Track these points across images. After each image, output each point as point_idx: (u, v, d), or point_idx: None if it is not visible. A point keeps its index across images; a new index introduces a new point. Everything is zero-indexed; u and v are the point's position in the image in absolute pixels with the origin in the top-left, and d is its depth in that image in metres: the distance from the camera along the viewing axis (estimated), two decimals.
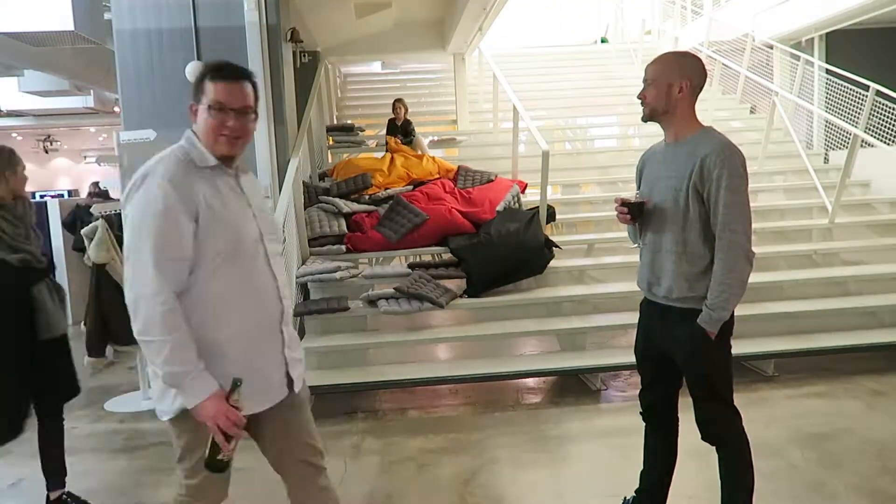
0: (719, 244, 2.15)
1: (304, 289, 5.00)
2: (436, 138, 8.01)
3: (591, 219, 6.42)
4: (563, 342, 4.78)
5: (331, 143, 7.58)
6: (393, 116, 7.23)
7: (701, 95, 2.37)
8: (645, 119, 2.33)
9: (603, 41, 12.90)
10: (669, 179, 2.24)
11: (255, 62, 5.09)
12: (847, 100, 7.40)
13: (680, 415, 2.53)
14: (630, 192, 2.50)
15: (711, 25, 9.51)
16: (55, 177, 18.00)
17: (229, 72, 1.81)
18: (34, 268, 2.82)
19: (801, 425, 3.65)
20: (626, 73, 10.21)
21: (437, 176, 6.30)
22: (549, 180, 5.59)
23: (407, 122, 7.18)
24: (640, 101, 2.28)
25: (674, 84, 2.21)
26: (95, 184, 8.88)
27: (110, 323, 4.27)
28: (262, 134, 5.15)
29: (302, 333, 4.68)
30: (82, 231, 4.36)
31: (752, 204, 2.18)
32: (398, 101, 7.21)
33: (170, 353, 1.64)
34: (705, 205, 2.15)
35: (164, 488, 3.25)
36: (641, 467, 2.60)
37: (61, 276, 7.24)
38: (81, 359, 5.68)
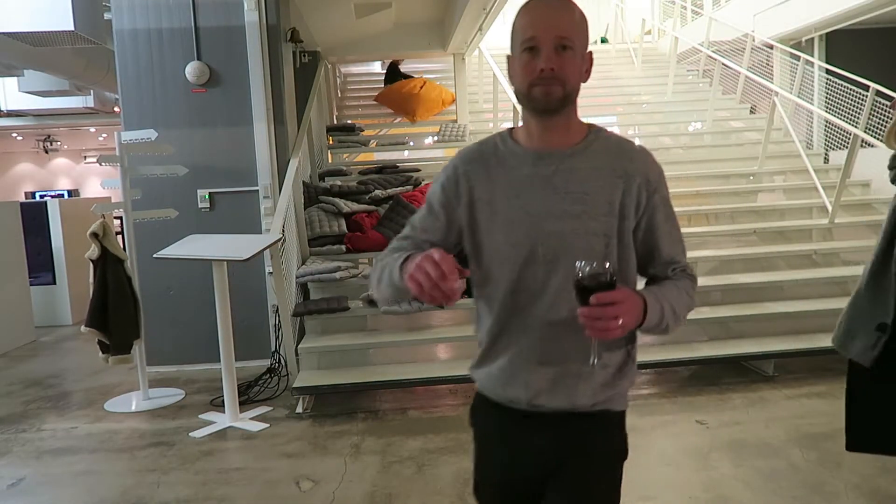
0: None
1: (303, 289, 5.00)
2: (436, 139, 8.00)
3: None
4: None
5: (331, 142, 7.59)
6: (395, 64, 9.02)
7: (701, 95, 2.27)
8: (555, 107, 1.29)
9: (603, 41, 12.88)
10: None
11: (255, 62, 5.10)
12: (847, 100, 7.40)
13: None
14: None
15: (711, 25, 9.50)
16: (55, 177, 17.98)
17: None
18: None
19: (801, 425, 3.65)
20: (626, 73, 10.22)
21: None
22: None
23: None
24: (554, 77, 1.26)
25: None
26: None
27: (112, 322, 4.29)
28: (262, 134, 5.16)
29: (302, 333, 4.69)
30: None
31: (752, 204, 2.12)
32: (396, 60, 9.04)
33: None
34: None
35: (164, 488, 3.25)
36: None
37: (61, 276, 7.25)
38: (83, 358, 5.71)
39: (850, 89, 7.35)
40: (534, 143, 1.32)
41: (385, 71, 9.27)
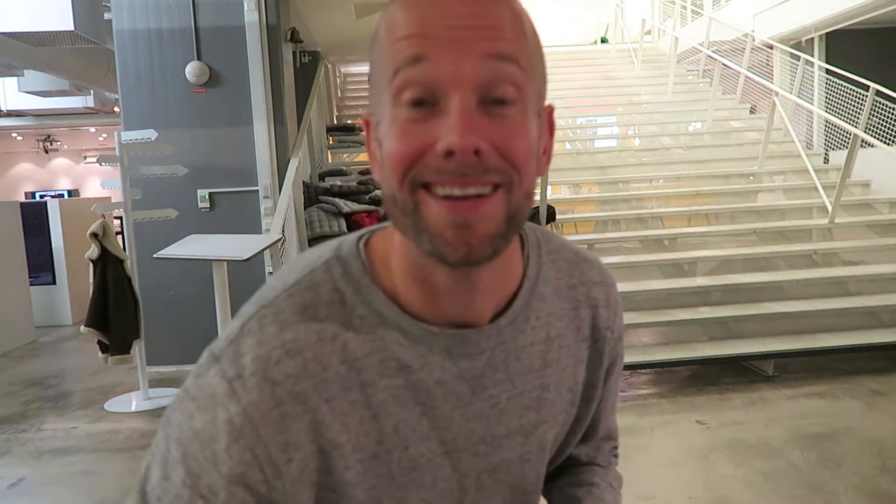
0: None
1: None
2: None
3: (590, 219, 6.42)
4: None
5: (331, 142, 7.60)
6: None
7: (701, 95, 2.16)
8: (490, 255, 0.57)
9: (603, 41, 12.91)
10: None
11: (255, 62, 5.10)
12: (847, 100, 7.40)
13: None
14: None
15: (711, 25, 9.51)
16: (55, 177, 17.99)
17: None
18: None
19: (801, 425, 3.65)
20: (626, 73, 10.23)
21: None
22: (550, 180, 5.59)
23: None
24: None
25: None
26: None
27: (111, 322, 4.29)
28: (262, 134, 5.16)
29: None
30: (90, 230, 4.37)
31: (752, 204, 2.13)
32: None
33: None
34: None
35: None
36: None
37: (61, 276, 7.25)
38: (83, 358, 5.71)
39: (850, 89, 7.36)
40: (440, 310, 0.63)
41: None
